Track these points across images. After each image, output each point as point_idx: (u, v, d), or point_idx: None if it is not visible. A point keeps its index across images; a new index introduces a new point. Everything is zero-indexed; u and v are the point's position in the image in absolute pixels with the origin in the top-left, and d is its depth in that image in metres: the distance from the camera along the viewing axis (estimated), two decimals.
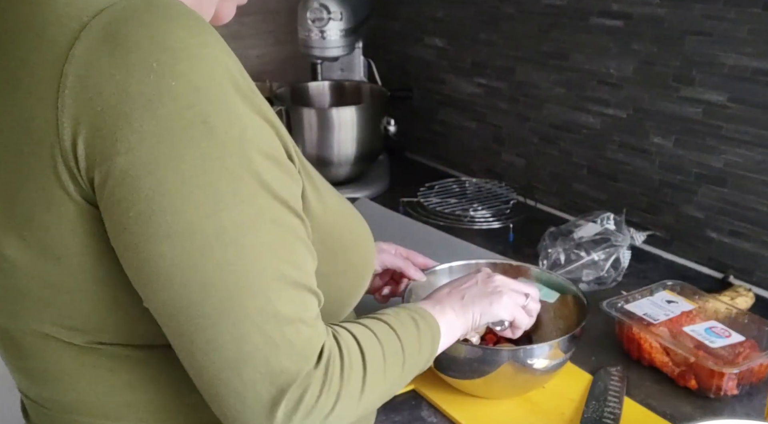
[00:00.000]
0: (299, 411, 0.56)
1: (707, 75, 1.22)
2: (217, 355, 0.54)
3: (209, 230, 0.52)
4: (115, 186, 0.51)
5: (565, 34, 1.43)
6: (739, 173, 1.22)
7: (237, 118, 0.53)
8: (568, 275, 1.21)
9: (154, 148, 0.50)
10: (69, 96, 0.51)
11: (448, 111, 1.77)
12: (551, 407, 0.93)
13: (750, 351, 0.96)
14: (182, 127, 0.51)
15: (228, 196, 0.52)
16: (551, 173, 1.55)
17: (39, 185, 0.53)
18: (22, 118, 0.53)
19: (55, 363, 0.63)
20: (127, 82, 0.50)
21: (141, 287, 0.55)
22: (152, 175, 0.51)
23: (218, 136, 0.52)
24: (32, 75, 0.53)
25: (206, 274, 0.52)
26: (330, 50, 1.68)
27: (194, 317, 0.53)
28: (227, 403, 0.56)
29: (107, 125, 0.50)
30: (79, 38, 0.51)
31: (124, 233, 0.52)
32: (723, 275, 1.26)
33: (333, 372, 0.58)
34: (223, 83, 0.53)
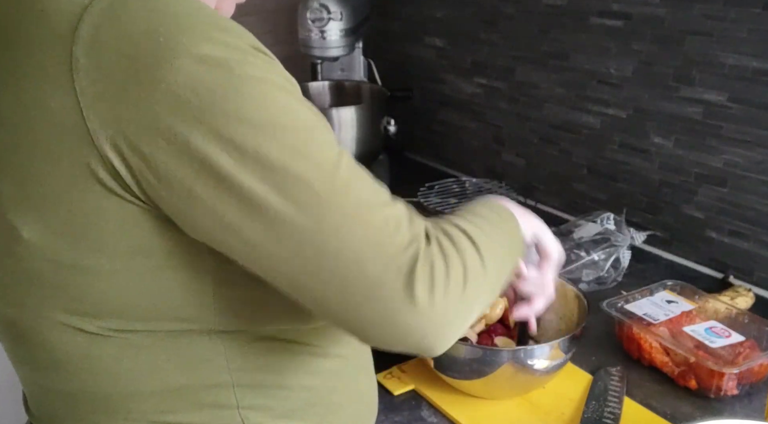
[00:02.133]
0: (437, 287, 0.55)
1: (707, 75, 1.22)
2: (334, 263, 0.54)
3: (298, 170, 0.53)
4: (168, 153, 0.51)
5: (565, 34, 1.43)
6: (739, 173, 1.21)
7: (252, 56, 0.54)
8: (568, 275, 1.21)
9: (190, 100, 0.50)
10: (84, 77, 0.51)
11: (448, 111, 1.77)
12: (551, 407, 0.93)
13: (750, 351, 0.95)
14: (206, 72, 0.51)
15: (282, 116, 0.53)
16: (551, 173, 1.55)
17: (62, 167, 0.53)
18: (34, 103, 0.53)
19: (61, 352, 0.63)
20: (138, 51, 0.51)
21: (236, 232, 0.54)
22: (200, 123, 0.51)
23: (239, 72, 0.52)
24: (38, 61, 0.53)
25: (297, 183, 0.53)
26: (330, 50, 1.69)
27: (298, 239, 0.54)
28: (369, 310, 0.55)
29: (136, 97, 0.51)
30: (82, 19, 0.52)
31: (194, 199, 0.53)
32: (723, 275, 1.26)
33: (446, 246, 0.58)
34: (233, 31, 0.54)
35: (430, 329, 0.56)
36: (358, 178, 0.57)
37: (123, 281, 0.58)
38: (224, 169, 0.52)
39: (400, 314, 0.55)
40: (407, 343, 0.57)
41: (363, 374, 0.77)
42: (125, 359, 0.62)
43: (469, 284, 0.58)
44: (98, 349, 0.62)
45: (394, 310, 0.55)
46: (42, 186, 0.55)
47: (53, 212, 0.55)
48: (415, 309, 0.54)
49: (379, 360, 1.01)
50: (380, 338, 0.57)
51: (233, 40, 0.54)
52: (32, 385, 0.70)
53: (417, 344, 0.57)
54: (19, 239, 0.57)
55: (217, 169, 0.52)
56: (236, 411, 0.66)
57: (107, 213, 0.55)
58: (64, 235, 0.56)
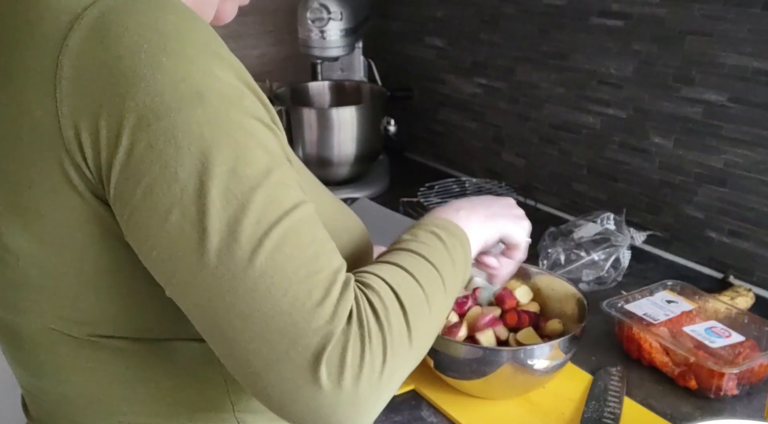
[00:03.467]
0: (346, 372, 0.52)
1: (707, 75, 1.22)
2: (241, 324, 0.51)
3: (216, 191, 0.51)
4: (122, 167, 0.51)
5: (565, 34, 1.43)
6: (739, 173, 1.22)
7: (232, 88, 0.54)
8: (568, 275, 1.21)
9: (152, 123, 0.50)
10: (66, 86, 0.52)
11: (448, 111, 1.77)
12: (551, 407, 0.93)
13: (750, 351, 0.96)
14: (176, 99, 0.51)
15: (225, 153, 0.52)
16: (551, 173, 1.55)
17: (42, 176, 0.54)
18: (20, 110, 0.54)
19: (52, 356, 0.63)
20: (119, 64, 0.51)
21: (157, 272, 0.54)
22: (152, 149, 0.51)
23: (212, 104, 0.52)
24: (28, 68, 0.53)
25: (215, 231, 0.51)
26: (330, 50, 1.69)
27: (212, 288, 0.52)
28: (265, 380, 0.52)
29: (106, 109, 0.51)
30: (72, 29, 0.52)
31: (135, 211, 0.52)
32: (723, 275, 1.26)
33: (369, 322, 0.54)
34: (215, 59, 0.54)
35: (337, 414, 0.53)
36: (304, 235, 0.54)
37: (107, 290, 0.58)
38: (166, 196, 0.51)
39: (302, 397, 0.52)
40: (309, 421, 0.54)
41: None
42: (117, 365, 0.62)
43: (387, 365, 0.54)
44: (89, 354, 0.62)
45: (297, 390, 0.52)
46: (25, 195, 0.55)
47: (37, 221, 0.55)
48: (319, 392, 0.52)
49: None
50: (284, 414, 0.54)
51: (217, 69, 0.53)
52: (29, 387, 0.70)
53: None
54: (5, 247, 0.57)
55: (161, 192, 0.51)
56: (232, 414, 0.66)
57: (84, 222, 0.55)
58: (49, 244, 0.56)
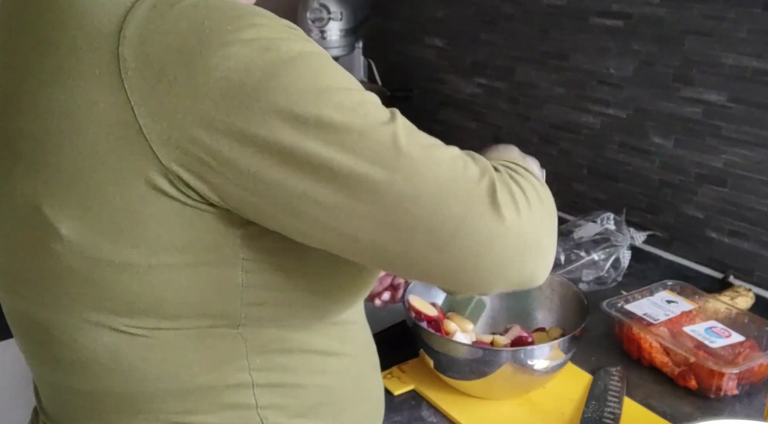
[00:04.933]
0: (520, 205, 0.58)
1: (707, 75, 1.22)
2: (416, 208, 0.55)
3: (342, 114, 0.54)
4: (229, 140, 0.52)
5: (565, 34, 1.43)
6: (739, 173, 1.22)
7: (299, 39, 0.56)
8: (568, 275, 1.21)
9: (246, 84, 0.51)
10: (134, 76, 0.52)
11: (448, 111, 1.77)
12: (551, 407, 0.93)
13: (750, 351, 0.95)
14: (257, 55, 0.52)
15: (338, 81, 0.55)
16: (551, 173, 1.54)
17: (107, 165, 0.54)
18: (80, 104, 0.53)
19: (88, 351, 0.63)
20: (187, 43, 0.51)
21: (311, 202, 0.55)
22: (258, 102, 0.51)
23: (286, 49, 0.54)
24: (83, 61, 0.53)
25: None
26: (330, 50, 1.69)
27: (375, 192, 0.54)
28: (462, 246, 0.56)
29: (189, 88, 0.51)
30: (126, 21, 0.52)
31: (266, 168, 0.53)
32: (723, 275, 1.26)
33: (512, 173, 0.62)
34: (270, 17, 0.56)
35: (527, 248, 0.58)
36: (413, 127, 0.58)
37: (158, 277, 0.58)
38: (288, 143, 0.52)
39: (497, 238, 0.56)
40: (507, 272, 0.58)
41: (371, 373, 0.77)
42: (152, 358, 0.62)
43: (543, 200, 0.62)
44: (127, 347, 0.62)
45: (489, 235, 0.56)
46: (85, 184, 0.55)
47: (95, 209, 0.55)
48: (507, 229, 0.56)
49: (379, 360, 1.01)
50: (478, 275, 0.57)
51: (274, 24, 0.55)
52: (51, 384, 0.69)
53: (518, 272, 0.58)
54: (56, 235, 0.57)
55: (281, 145, 0.52)
56: (255, 411, 0.66)
57: (151, 210, 0.55)
58: (105, 232, 0.56)
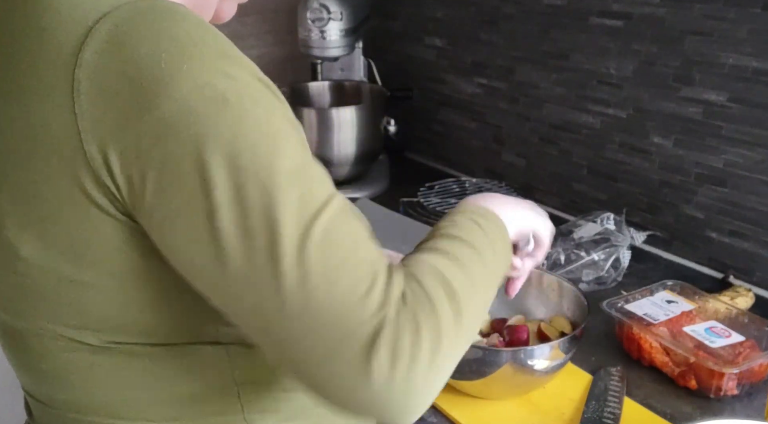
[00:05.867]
0: (399, 361, 0.51)
1: (707, 75, 1.22)
2: (290, 324, 0.51)
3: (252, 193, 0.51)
4: (157, 180, 0.51)
5: (565, 34, 1.43)
6: (739, 173, 1.21)
7: (253, 88, 0.54)
8: (568, 275, 1.21)
9: (182, 132, 0.50)
10: (84, 101, 0.51)
11: (448, 111, 1.77)
12: (551, 407, 0.93)
13: (750, 351, 0.95)
14: (203, 105, 0.51)
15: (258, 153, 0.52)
16: (551, 173, 1.55)
17: (60, 187, 0.54)
18: (33, 122, 0.53)
19: (65, 363, 0.63)
20: (140, 74, 0.51)
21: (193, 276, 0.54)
22: (186, 156, 0.51)
23: (238, 105, 0.52)
24: (41, 80, 0.53)
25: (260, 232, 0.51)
26: (330, 50, 1.69)
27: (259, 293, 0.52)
28: (320, 376, 0.52)
29: (133, 123, 0.51)
30: (85, 43, 0.52)
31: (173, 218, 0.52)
32: (723, 275, 1.26)
33: (417, 309, 0.54)
34: (231, 61, 0.54)
35: (392, 404, 0.52)
36: (343, 227, 0.54)
37: (124, 296, 0.58)
38: (205, 203, 0.51)
39: (356, 390, 0.52)
40: (369, 415, 0.54)
41: None
42: (129, 370, 0.62)
43: (441, 350, 0.53)
44: (102, 360, 0.62)
45: (350, 385, 0.52)
46: (41, 205, 0.55)
47: (52, 230, 0.55)
48: (371, 386, 0.51)
49: None
50: (344, 407, 0.54)
51: (236, 71, 0.53)
52: (33, 392, 0.69)
53: (379, 417, 0.54)
54: (18, 255, 0.57)
55: (199, 200, 0.51)
56: (242, 416, 0.66)
57: (104, 233, 0.55)
58: (64, 252, 0.56)
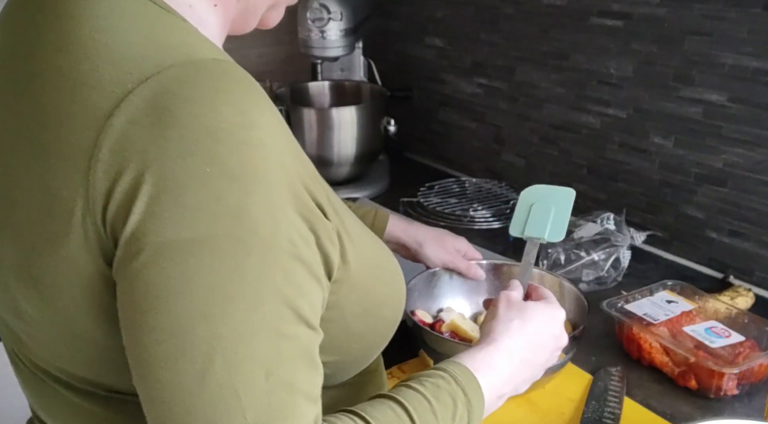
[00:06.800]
0: None
1: (707, 75, 1.22)
2: None
3: (199, 333, 0.47)
4: (133, 265, 0.48)
5: (565, 34, 1.43)
6: (739, 173, 1.21)
7: (270, 216, 0.49)
8: (568, 275, 1.21)
9: (174, 240, 0.47)
10: (101, 170, 0.47)
11: (448, 111, 1.77)
12: (551, 407, 0.93)
13: (750, 351, 0.95)
14: (207, 222, 0.47)
15: (235, 300, 0.48)
16: (551, 173, 1.55)
17: (65, 251, 0.50)
18: (50, 182, 0.50)
19: (48, 395, 0.63)
20: (161, 161, 0.46)
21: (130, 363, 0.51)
22: (165, 263, 0.47)
23: (244, 233, 0.48)
24: (65, 140, 0.49)
25: (183, 379, 0.48)
26: (330, 50, 1.68)
27: (162, 411, 0.49)
28: None
29: (132, 206, 0.47)
30: (119, 108, 0.47)
31: (124, 309, 0.50)
32: (723, 275, 1.26)
33: None
34: (261, 175, 0.48)
35: None
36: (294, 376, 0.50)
37: (116, 354, 0.55)
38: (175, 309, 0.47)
39: None
40: None
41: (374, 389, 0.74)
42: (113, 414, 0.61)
43: None
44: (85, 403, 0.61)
45: None
46: (43, 266, 0.52)
47: (48, 290, 0.53)
48: None
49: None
50: None
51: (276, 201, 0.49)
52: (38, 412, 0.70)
53: None
54: (18, 307, 0.57)
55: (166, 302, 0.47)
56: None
57: (107, 304, 0.52)
58: (65, 311, 0.53)
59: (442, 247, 1.06)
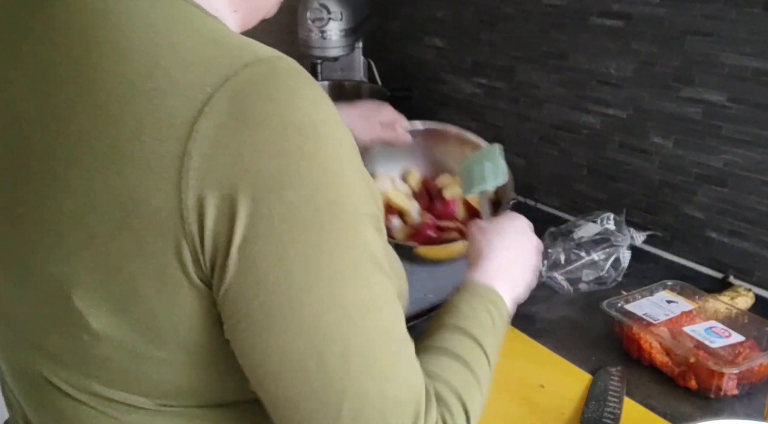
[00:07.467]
0: None
1: (707, 75, 1.22)
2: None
3: (332, 320, 0.51)
4: (240, 274, 0.49)
5: (565, 34, 1.43)
6: (739, 173, 1.22)
7: (356, 195, 0.52)
8: (568, 275, 1.21)
9: (284, 235, 0.48)
10: (194, 177, 0.47)
11: (448, 111, 1.77)
12: (551, 407, 0.93)
13: (750, 351, 0.96)
14: (311, 213, 0.49)
15: (350, 284, 0.51)
16: (551, 173, 1.55)
17: (150, 265, 0.50)
18: (132, 193, 0.48)
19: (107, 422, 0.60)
20: (258, 163, 0.47)
21: (255, 374, 0.53)
22: (280, 264, 0.49)
23: (344, 220, 0.51)
24: (147, 149, 0.48)
25: (329, 361, 0.51)
26: (330, 50, 1.68)
27: (313, 402, 0.52)
28: None
29: (235, 209, 0.48)
30: (203, 113, 0.47)
31: (246, 320, 0.51)
32: (723, 275, 1.26)
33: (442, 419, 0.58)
34: (345, 162, 0.52)
35: None
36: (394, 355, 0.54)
37: (195, 370, 0.56)
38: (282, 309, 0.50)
39: None
40: None
41: None
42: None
43: None
44: (152, 422, 0.59)
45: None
46: (125, 282, 0.51)
47: (134, 309, 0.52)
48: None
49: None
50: None
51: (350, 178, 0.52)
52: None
53: None
54: (86, 327, 0.54)
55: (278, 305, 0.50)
56: None
57: (189, 310, 0.52)
58: (142, 331, 0.53)
59: (368, 125, 1.14)
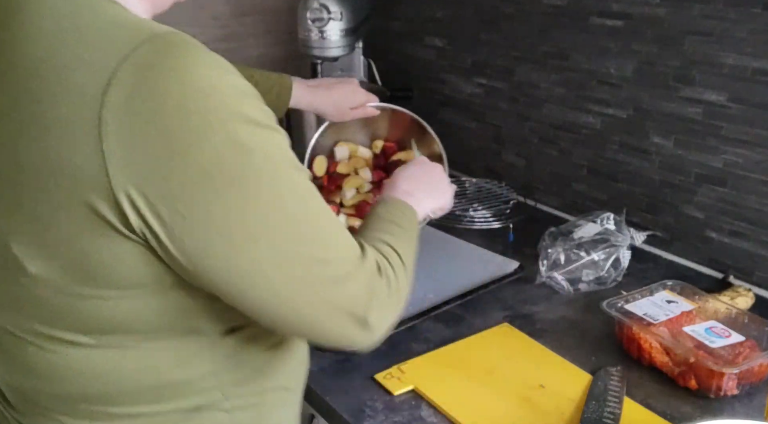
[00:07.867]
0: (385, 312, 0.69)
1: (707, 75, 1.22)
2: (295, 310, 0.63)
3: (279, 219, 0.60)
4: (185, 219, 0.56)
5: (565, 34, 1.43)
6: (739, 173, 1.22)
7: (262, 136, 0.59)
8: (568, 275, 1.21)
9: (215, 177, 0.56)
10: (114, 141, 0.54)
11: (448, 111, 1.77)
12: (551, 407, 0.93)
13: (750, 351, 0.96)
14: (231, 153, 0.56)
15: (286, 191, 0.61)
16: (551, 173, 1.55)
17: (79, 215, 0.56)
18: (53, 156, 0.55)
19: (59, 361, 0.65)
20: (172, 124, 0.54)
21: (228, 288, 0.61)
22: (217, 198, 0.56)
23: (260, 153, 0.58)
24: (63, 118, 0.55)
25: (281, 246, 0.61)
26: (330, 50, 1.68)
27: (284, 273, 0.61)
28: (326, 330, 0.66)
29: (164, 166, 0.54)
30: (111, 84, 0.54)
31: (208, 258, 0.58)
32: (723, 275, 1.26)
33: (389, 273, 0.71)
34: (252, 102, 0.59)
35: (375, 339, 0.69)
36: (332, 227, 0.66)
37: (127, 304, 0.61)
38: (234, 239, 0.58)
39: (354, 336, 0.67)
40: (354, 349, 0.70)
41: None
42: (121, 362, 0.65)
43: (402, 299, 0.73)
44: (99, 358, 0.65)
45: (352, 334, 0.67)
46: (53, 230, 0.58)
47: (63, 253, 0.58)
48: (370, 333, 0.68)
49: (378, 360, 1.01)
50: (333, 346, 0.70)
51: (255, 113, 0.59)
52: (17, 385, 0.70)
53: (359, 349, 0.70)
54: (23, 271, 0.60)
55: (229, 237, 0.58)
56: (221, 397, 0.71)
57: (117, 254, 0.58)
58: (74, 274, 0.59)
59: (339, 110, 1.23)
